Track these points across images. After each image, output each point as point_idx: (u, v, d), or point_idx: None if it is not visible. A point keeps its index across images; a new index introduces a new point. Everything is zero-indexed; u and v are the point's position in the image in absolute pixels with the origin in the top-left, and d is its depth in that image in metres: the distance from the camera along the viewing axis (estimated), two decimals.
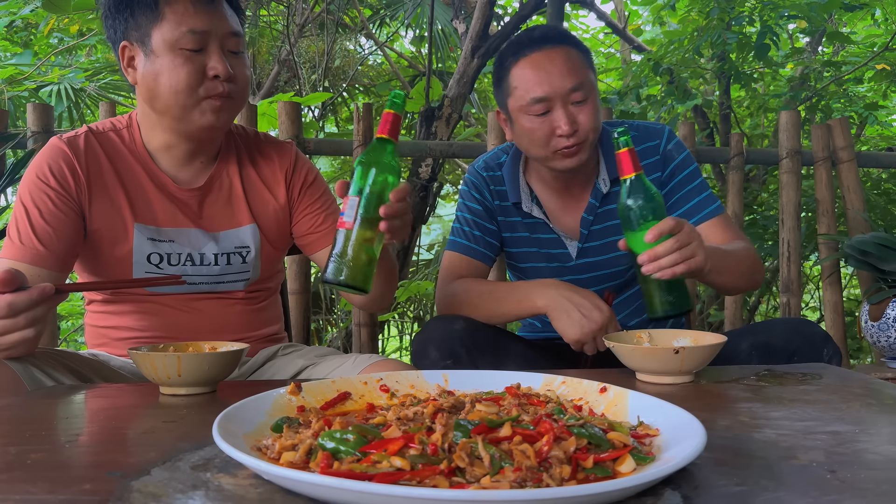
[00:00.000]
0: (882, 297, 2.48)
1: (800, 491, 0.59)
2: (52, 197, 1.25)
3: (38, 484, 0.61)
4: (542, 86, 1.38)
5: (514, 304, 1.38)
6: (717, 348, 1.06)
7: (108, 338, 1.38)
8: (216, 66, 1.24)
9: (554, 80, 1.38)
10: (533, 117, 1.40)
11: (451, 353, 1.32)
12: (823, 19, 3.91)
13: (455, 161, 4.84)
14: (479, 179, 1.60)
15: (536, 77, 1.39)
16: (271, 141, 1.46)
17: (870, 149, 4.46)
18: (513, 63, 1.43)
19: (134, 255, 1.31)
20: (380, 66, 5.78)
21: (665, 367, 1.04)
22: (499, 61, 1.47)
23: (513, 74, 1.43)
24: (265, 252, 1.41)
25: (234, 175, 1.39)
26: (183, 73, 1.22)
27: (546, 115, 1.39)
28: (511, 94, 1.43)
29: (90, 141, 1.31)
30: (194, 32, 1.22)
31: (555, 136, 1.39)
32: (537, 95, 1.38)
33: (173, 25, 1.22)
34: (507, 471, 0.56)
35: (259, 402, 0.77)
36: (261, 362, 1.42)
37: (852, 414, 0.84)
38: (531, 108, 1.39)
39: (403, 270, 3.62)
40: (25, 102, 3.33)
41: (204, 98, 1.24)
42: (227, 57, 1.26)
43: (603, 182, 1.53)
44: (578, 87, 1.39)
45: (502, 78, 1.45)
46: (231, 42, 1.27)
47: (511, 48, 1.44)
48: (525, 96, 1.40)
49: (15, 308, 0.95)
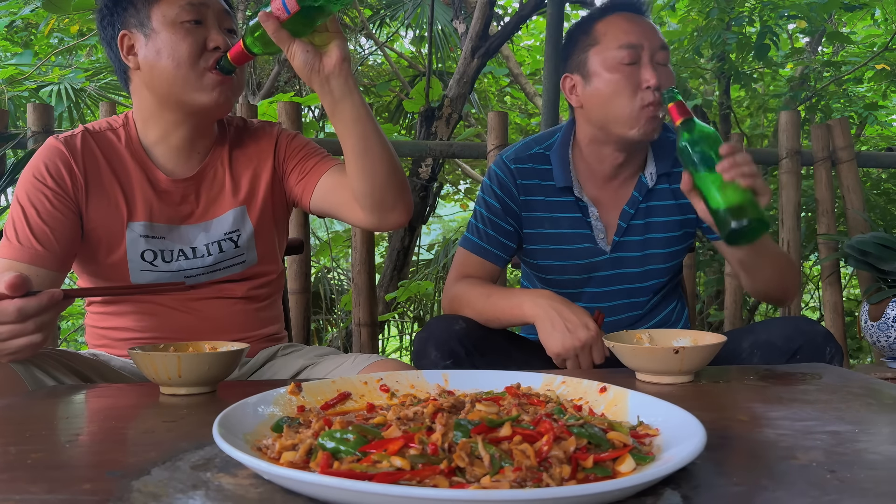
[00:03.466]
0: (882, 297, 2.48)
1: (800, 491, 0.59)
2: (49, 197, 1.25)
3: (38, 484, 0.61)
4: (635, 34, 1.38)
5: (507, 310, 1.37)
6: (716, 348, 1.06)
7: (108, 338, 1.38)
8: (216, 38, 1.28)
9: (646, 32, 1.39)
10: (620, 66, 1.38)
11: (451, 353, 1.31)
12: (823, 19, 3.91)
13: (455, 161, 4.84)
14: (505, 172, 1.52)
15: (629, 26, 1.40)
16: (258, 124, 1.48)
17: (870, 149, 4.46)
18: (599, 18, 1.43)
19: (128, 252, 1.31)
20: (380, 66, 5.79)
21: (665, 367, 1.04)
22: (578, 24, 1.47)
23: (599, 27, 1.43)
24: (259, 232, 1.41)
25: (225, 163, 1.40)
26: (185, 46, 1.26)
27: (632, 65, 1.38)
28: (597, 44, 1.42)
29: (87, 140, 1.31)
30: (192, 4, 1.27)
31: (641, 90, 1.37)
32: (629, 42, 1.38)
33: (172, 1, 1.27)
34: (507, 471, 0.56)
35: (259, 402, 0.77)
36: (261, 362, 1.42)
37: (852, 414, 0.84)
38: (619, 53, 1.38)
39: (403, 270, 3.62)
40: (25, 102, 3.33)
41: (205, 70, 1.28)
42: (225, 35, 1.30)
43: (650, 176, 1.50)
44: (664, 48, 1.40)
45: (584, 32, 1.45)
46: (226, 20, 1.31)
47: (594, 11, 1.46)
48: (614, 43, 1.39)
49: (24, 313, 0.95)
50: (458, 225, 5.83)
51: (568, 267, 1.53)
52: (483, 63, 3.55)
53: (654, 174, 1.49)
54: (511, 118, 5.16)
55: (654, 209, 1.51)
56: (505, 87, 5.91)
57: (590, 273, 1.52)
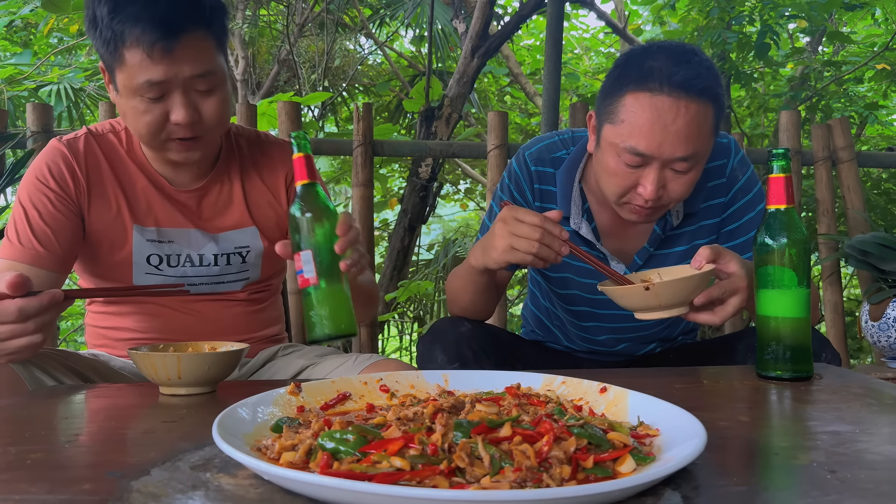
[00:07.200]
0: (882, 297, 2.48)
1: (800, 491, 0.59)
2: (51, 198, 1.25)
3: (38, 484, 0.61)
4: (649, 142, 1.16)
5: (465, 267, 1.31)
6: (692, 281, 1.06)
7: (108, 338, 1.38)
8: (177, 115, 1.18)
9: (665, 142, 1.16)
10: (623, 164, 1.20)
11: (458, 355, 1.29)
12: (823, 19, 3.91)
13: (455, 161, 4.84)
14: (525, 173, 1.40)
15: (649, 127, 1.16)
16: (272, 141, 1.45)
17: (870, 149, 4.46)
18: (634, 88, 1.18)
19: (133, 256, 1.31)
20: (380, 65, 5.79)
21: (645, 303, 1.07)
22: (623, 69, 1.21)
23: (626, 102, 1.18)
24: (267, 253, 1.41)
25: (235, 177, 1.38)
26: (143, 121, 1.19)
27: (637, 167, 1.20)
28: (612, 122, 1.21)
29: (90, 143, 1.31)
30: (152, 84, 1.15)
31: (635, 192, 1.22)
32: (638, 149, 1.17)
33: (131, 73, 1.15)
34: (507, 471, 0.56)
35: (259, 403, 0.77)
36: (261, 363, 1.42)
37: (852, 414, 0.84)
38: (625, 154, 1.19)
39: (403, 270, 3.62)
40: (25, 102, 3.33)
41: (167, 140, 1.22)
42: (196, 97, 1.20)
43: (676, 214, 1.35)
44: (688, 159, 1.18)
45: (614, 92, 1.21)
46: (199, 83, 1.19)
47: (643, 65, 1.18)
48: (626, 139, 1.18)
49: (25, 313, 0.95)
50: (457, 225, 5.83)
51: (579, 285, 1.44)
52: (483, 63, 3.55)
53: (681, 213, 1.35)
54: (511, 118, 5.16)
55: (676, 241, 1.38)
56: (505, 87, 5.91)
57: (602, 296, 1.40)
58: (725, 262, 1.11)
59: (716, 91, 1.18)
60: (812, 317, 1.27)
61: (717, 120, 1.22)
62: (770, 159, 1.04)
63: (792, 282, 1.02)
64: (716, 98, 1.19)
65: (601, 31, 6.48)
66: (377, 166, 4.30)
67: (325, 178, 4.79)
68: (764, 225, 1.04)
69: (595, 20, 8.14)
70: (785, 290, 1.02)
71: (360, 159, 2.53)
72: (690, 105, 1.15)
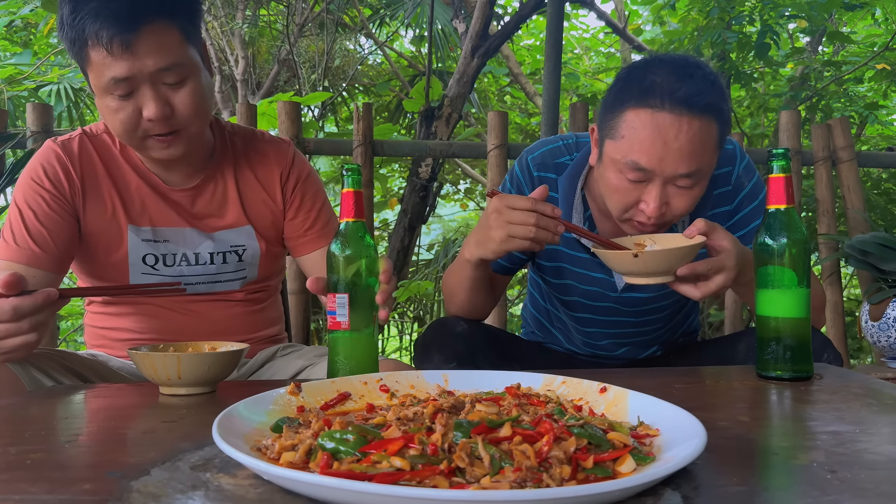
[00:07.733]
0: (882, 297, 2.48)
1: (800, 491, 0.59)
2: (46, 199, 1.25)
3: (38, 484, 0.61)
4: (650, 157, 1.14)
5: (459, 262, 1.31)
6: (679, 252, 1.08)
7: (107, 338, 1.38)
8: (148, 111, 1.16)
9: (667, 158, 1.14)
10: (625, 179, 1.18)
11: (454, 355, 1.29)
12: (824, 19, 3.91)
13: (455, 161, 4.84)
14: (527, 178, 1.39)
15: (650, 143, 1.14)
16: (268, 139, 1.44)
17: (870, 148, 4.46)
18: (635, 104, 1.15)
19: (129, 256, 1.31)
20: (380, 65, 5.78)
21: (634, 268, 1.10)
22: (624, 83, 1.19)
23: (627, 118, 1.16)
24: (264, 253, 1.41)
25: (229, 176, 1.37)
26: (118, 119, 1.17)
27: (639, 183, 1.18)
28: (613, 138, 1.19)
29: (84, 143, 1.31)
30: (117, 80, 1.14)
31: (637, 209, 1.20)
32: (639, 164, 1.15)
33: (98, 72, 1.14)
34: (507, 471, 0.56)
35: (259, 402, 0.77)
36: (260, 363, 1.42)
37: (852, 414, 0.84)
38: (627, 169, 1.17)
39: (403, 270, 3.62)
40: (25, 102, 3.34)
41: (145, 138, 1.21)
42: (166, 91, 1.17)
43: (681, 223, 1.31)
44: (691, 175, 1.16)
45: (615, 107, 1.19)
46: (167, 76, 1.16)
47: (644, 80, 1.15)
48: (627, 154, 1.16)
49: (20, 312, 0.95)
50: (457, 225, 5.83)
51: (576, 300, 1.44)
52: (483, 63, 3.55)
53: (687, 222, 1.30)
54: (511, 118, 5.16)
55: None
56: (505, 87, 5.91)
57: (603, 302, 1.43)
58: (718, 238, 1.12)
59: (719, 107, 1.16)
60: (817, 321, 1.26)
61: (722, 135, 1.19)
62: (770, 159, 1.03)
63: (792, 282, 1.02)
64: (719, 114, 1.16)
65: (601, 31, 6.48)
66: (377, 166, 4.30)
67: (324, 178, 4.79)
68: (764, 225, 1.04)
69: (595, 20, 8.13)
70: (785, 290, 1.02)
71: (360, 159, 2.53)
72: (693, 122, 1.13)
